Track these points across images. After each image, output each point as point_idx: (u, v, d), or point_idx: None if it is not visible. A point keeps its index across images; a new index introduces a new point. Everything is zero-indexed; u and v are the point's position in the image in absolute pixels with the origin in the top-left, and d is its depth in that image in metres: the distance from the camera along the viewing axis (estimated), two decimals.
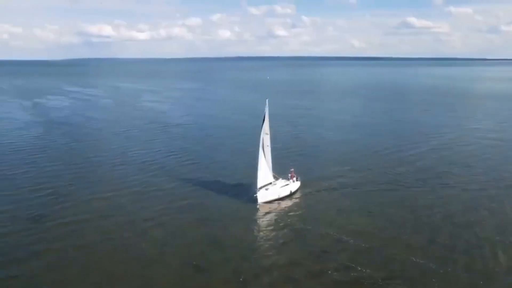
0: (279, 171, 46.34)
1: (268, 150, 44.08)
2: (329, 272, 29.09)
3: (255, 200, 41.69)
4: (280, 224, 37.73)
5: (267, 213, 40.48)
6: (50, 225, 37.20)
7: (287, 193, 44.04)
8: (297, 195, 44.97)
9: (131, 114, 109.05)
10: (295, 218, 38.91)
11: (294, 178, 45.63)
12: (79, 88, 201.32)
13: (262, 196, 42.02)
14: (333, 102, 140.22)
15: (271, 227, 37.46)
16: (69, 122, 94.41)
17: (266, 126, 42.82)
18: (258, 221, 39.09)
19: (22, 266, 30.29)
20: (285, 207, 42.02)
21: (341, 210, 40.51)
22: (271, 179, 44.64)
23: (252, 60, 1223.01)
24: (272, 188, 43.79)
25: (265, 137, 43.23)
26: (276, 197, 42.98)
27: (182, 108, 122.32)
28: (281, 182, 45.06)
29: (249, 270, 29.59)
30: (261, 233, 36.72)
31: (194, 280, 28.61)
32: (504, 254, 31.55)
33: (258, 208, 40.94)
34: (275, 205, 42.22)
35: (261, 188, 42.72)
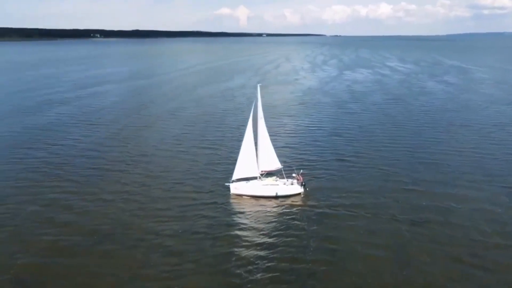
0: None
1: (264, 141, 41.20)
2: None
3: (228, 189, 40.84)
4: (226, 221, 36.04)
5: (236, 205, 39.27)
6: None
7: (271, 194, 39.93)
8: (288, 200, 39.59)
9: (389, 92, 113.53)
10: (249, 219, 36.37)
11: (295, 181, 40.61)
12: (397, 63, 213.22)
13: (234, 188, 40.39)
14: None
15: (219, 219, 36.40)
16: (331, 92, 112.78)
17: (259, 111, 40.34)
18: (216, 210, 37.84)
19: None
20: (255, 205, 39.00)
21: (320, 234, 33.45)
22: (257, 174, 41.23)
23: None
24: (253, 183, 40.87)
25: (260, 122, 40.69)
26: (251, 193, 40.14)
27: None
28: (268, 181, 41.18)
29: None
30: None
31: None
32: None
33: (229, 198, 40.03)
34: (251, 200, 39.81)
35: (243, 179, 40.89)
